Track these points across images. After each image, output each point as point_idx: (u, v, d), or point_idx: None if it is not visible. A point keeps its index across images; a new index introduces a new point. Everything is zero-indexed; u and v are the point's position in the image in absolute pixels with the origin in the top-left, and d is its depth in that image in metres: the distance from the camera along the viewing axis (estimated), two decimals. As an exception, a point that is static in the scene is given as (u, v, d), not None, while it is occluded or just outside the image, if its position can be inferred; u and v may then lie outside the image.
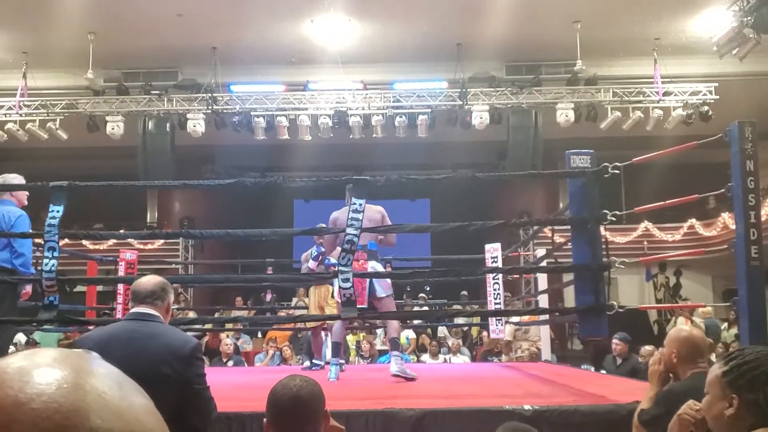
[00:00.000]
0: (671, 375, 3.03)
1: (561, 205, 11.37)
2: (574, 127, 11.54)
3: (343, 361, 6.60)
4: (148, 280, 2.87)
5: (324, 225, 5.60)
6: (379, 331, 11.08)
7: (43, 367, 0.46)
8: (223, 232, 6.43)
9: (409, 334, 10.73)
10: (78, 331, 5.35)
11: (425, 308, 11.73)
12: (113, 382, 0.47)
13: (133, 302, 2.82)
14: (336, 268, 5.62)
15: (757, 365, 1.57)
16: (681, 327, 3.35)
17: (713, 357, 4.21)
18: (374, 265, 5.50)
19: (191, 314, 10.26)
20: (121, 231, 9.31)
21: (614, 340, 7.62)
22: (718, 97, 11.29)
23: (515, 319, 8.37)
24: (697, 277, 14.31)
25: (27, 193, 5.25)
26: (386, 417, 3.49)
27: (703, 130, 9.78)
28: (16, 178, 5.24)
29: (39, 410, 0.42)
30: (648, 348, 8.82)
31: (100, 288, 9.98)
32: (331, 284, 5.90)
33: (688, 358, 2.93)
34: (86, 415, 0.43)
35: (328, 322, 6.39)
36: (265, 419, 1.97)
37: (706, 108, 11.26)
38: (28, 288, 5.05)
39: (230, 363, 9.00)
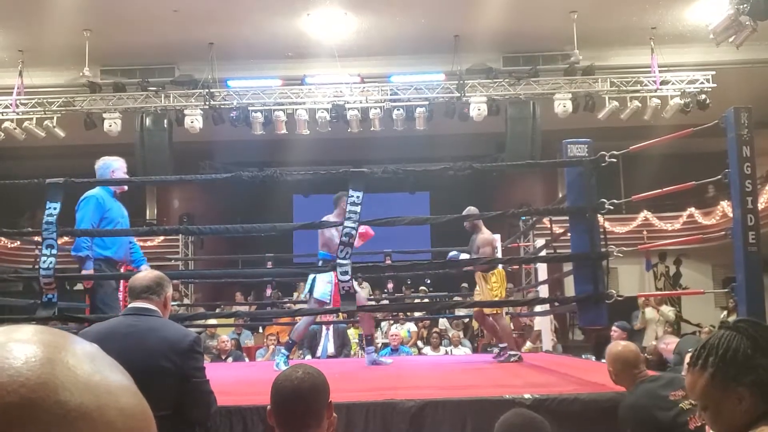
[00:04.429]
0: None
1: (560, 197, 11.39)
2: (572, 117, 11.52)
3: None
4: (145, 275, 2.88)
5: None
6: (383, 324, 11.10)
7: (14, 343, 0.46)
8: (222, 228, 6.40)
9: (411, 327, 10.74)
10: (75, 330, 5.31)
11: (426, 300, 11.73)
12: (85, 357, 0.47)
13: (131, 298, 2.82)
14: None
15: (735, 347, 1.50)
16: (614, 343, 3.60)
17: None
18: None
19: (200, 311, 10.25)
20: (120, 228, 9.29)
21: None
22: (715, 85, 11.27)
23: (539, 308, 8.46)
24: (697, 266, 14.31)
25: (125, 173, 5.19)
26: (386, 408, 3.50)
27: (701, 119, 9.66)
28: (117, 161, 5.20)
29: (4, 384, 0.42)
30: (653, 343, 8.87)
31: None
32: None
33: (625, 372, 3.27)
34: (54, 388, 0.43)
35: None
36: (268, 407, 1.98)
37: (703, 96, 11.24)
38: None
39: (229, 359, 9.02)
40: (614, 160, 4.52)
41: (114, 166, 5.15)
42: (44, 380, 0.43)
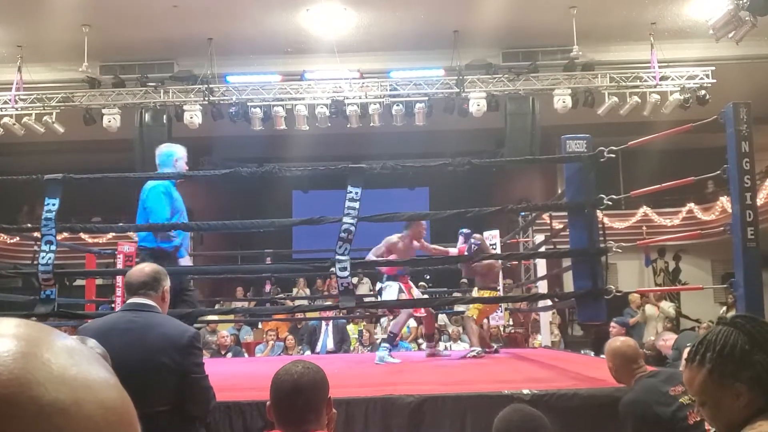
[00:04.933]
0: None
1: (560, 192, 11.37)
2: (571, 113, 11.51)
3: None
4: (140, 271, 2.84)
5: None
6: (383, 320, 11.10)
7: None
8: (221, 224, 6.41)
9: (410, 322, 10.74)
10: (73, 326, 5.29)
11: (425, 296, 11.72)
12: (62, 351, 0.46)
13: (128, 294, 2.80)
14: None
15: (732, 342, 1.50)
16: (613, 339, 3.60)
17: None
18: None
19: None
20: (120, 224, 9.29)
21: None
22: (715, 80, 11.26)
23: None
24: (697, 261, 14.32)
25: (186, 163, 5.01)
26: (386, 403, 3.51)
27: (701, 115, 9.65)
28: (181, 149, 5.06)
29: None
30: (651, 338, 8.88)
31: (99, 281, 9.98)
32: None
33: (624, 367, 3.27)
34: (27, 384, 0.42)
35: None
36: (268, 402, 1.99)
37: (703, 92, 11.23)
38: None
39: (229, 354, 9.02)
40: (613, 155, 4.52)
41: (178, 154, 4.98)
42: (16, 375, 0.42)
